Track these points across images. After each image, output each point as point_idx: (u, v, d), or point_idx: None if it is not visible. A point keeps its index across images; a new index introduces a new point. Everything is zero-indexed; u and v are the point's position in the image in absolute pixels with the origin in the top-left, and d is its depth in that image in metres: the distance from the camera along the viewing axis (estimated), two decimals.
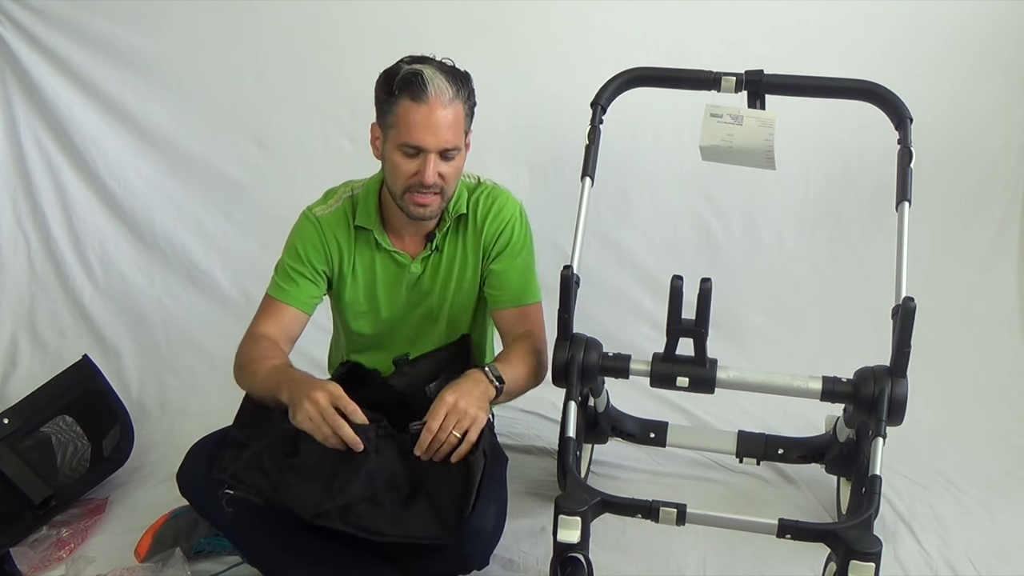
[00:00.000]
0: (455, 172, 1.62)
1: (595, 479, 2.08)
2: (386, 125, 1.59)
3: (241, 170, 2.64)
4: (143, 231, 2.63)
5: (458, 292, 1.79)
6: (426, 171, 1.56)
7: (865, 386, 1.53)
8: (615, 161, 2.28)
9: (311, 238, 1.71)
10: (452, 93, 1.55)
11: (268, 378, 1.53)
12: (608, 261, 2.70)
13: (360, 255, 1.74)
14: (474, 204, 1.74)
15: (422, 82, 1.52)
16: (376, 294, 1.77)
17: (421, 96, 1.52)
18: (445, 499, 1.42)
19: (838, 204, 2.70)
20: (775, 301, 2.72)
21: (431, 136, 1.54)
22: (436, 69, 1.55)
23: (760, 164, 1.73)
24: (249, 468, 1.41)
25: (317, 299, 1.74)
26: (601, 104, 1.72)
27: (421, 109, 1.53)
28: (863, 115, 1.79)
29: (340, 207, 1.73)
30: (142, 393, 2.40)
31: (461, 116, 1.58)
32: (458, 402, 1.46)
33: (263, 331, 1.67)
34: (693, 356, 1.57)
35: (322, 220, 1.71)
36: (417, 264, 1.75)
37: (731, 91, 1.70)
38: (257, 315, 1.71)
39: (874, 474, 1.46)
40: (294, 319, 1.70)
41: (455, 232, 1.75)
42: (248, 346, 1.65)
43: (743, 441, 1.95)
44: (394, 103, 1.55)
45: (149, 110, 2.58)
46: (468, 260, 1.77)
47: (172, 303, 2.61)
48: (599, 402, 1.92)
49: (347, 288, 1.76)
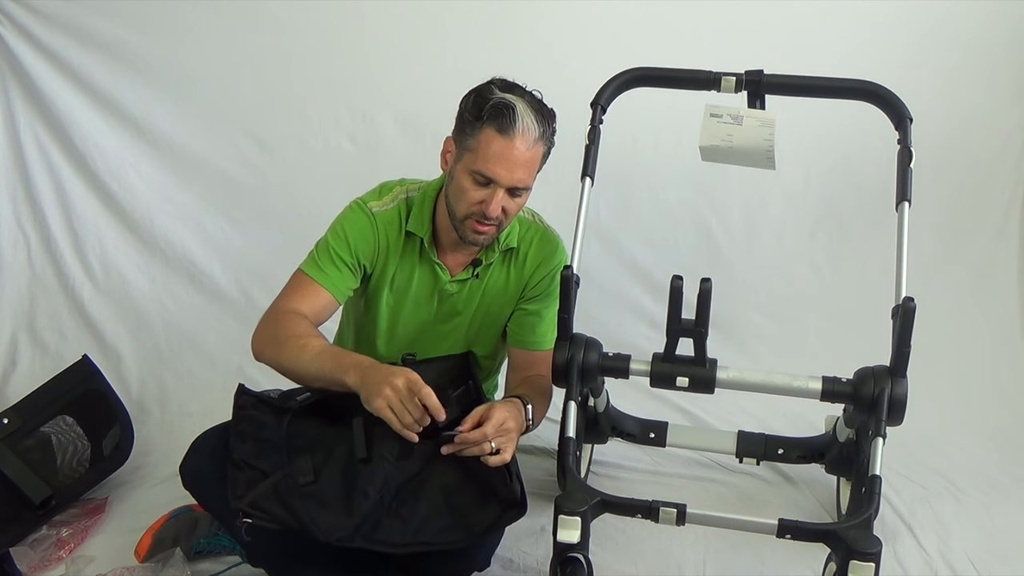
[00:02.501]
0: (517, 209, 1.61)
1: (595, 479, 2.08)
2: (464, 146, 1.56)
3: (241, 170, 2.64)
4: (143, 231, 2.63)
5: (487, 321, 1.78)
6: (491, 203, 1.55)
7: (865, 386, 1.53)
8: (615, 161, 2.28)
9: (364, 230, 1.66)
10: (537, 135, 1.54)
11: (322, 359, 1.49)
12: (608, 261, 2.70)
13: (403, 263, 1.70)
14: (527, 243, 1.74)
15: (512, 116, 1.51)
16: (401, 310, 1.74)
17: (508, 130, 1.51)
18: (463, 502, 1.44)
19: (838, 204, 2.71)
20: (775, 301, 2.72)
21: (506, 171, 1.53)
22: (528, 105, 1.53)
23: (760, 164, 1.73)
24: (267, 497, 1.41)
25: (351, 292, 1.69)
26: (601, 104, 1.72)
27: (504, 143, 1.51)
28: (863, 115, 1.79)
29: (395, 207, 1.69)
30: (142, 393, 2.40)
31: (539, 157, 1.58)
32: (507, 421, 1.46)
33: (297, 307, 1.60)
34: (693, 356, 1.56)
35: (378, 217, 1.67)
36: (454, 284, 1.73)
37: (731, 91, 1.69)
38: (288, 291, 1.64)
39: (874, 474, 1.46)
40: (326, 305, 1.64)
41: (501, 264, 1.75)
42: (283, 320, 1.58)
43: (743, 441, 1.95)
44: (478, 128, 1.53)
45: (149, 110, 2.58)
46: (507, 294, 1.76)
47: (172, 303, 2.61)
48: (599, 402, 1.92)
49: (382, 295, 1.72)
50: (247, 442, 1.49)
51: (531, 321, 1.77)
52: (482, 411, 1.46)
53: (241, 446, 1.49)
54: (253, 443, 1.49)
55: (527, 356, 1.78)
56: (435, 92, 2.21)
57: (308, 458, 1.45)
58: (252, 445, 1.49)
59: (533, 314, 1.77)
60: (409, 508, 1.42)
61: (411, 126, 2.62)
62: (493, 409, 1.47)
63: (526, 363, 1.78)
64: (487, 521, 1.44)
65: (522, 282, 1.75)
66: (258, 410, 1.55)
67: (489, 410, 1.46)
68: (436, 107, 1.79)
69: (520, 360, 1.79)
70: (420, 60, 2.58)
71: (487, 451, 1.43)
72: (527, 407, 1.57)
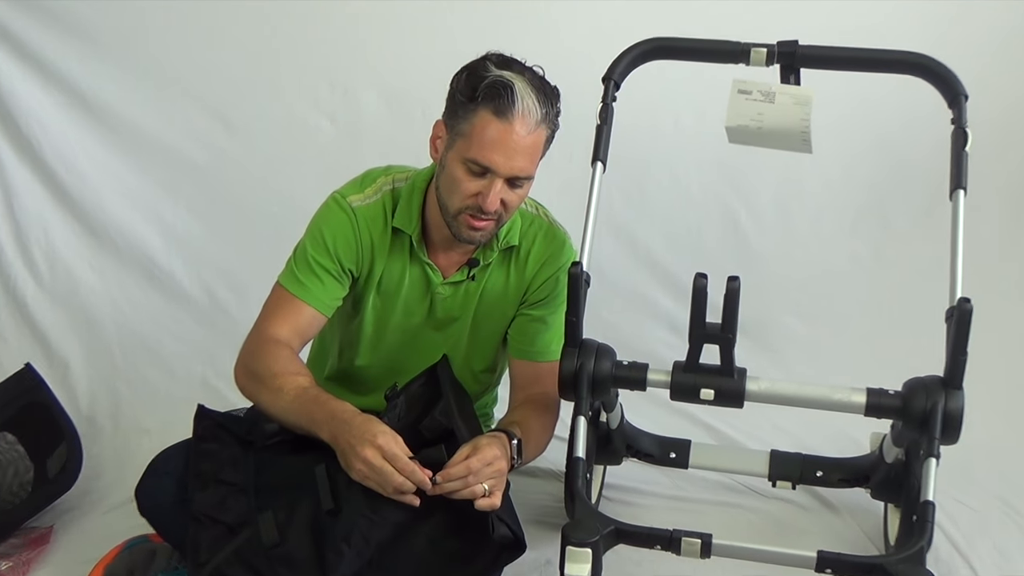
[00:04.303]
0: (518, 201, 1.60)
1: (607, 505, 2.08)
2: (456, 131, 1.55)
3: (205, 152, 2.64)
4: (93, 222, 2.63)
5: (485, 329, 1.77)
6: (488, 195, 1.54)
7: (916, 399, 1.53)
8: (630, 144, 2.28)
9: (343, 230, 1.65)
10: (539, 116, 1.52)
11: (298, 404, 1.50)
12: (622, 257, 2.70)
13: (392, 263, 1.70)
14: (529, 240, 1.73)
15: (511, 97, 1.49)
16: (390, 315, 1.74)
17: (506, 112, 1.50)
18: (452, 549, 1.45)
19: (883, 191, 2.71)
20: (812, 302, 2.73)
21: (504, 159, 1.52)
22: (528, 84, 1.52)
23: (794, 147, 1.73)
24: (232, 563, 1.42)
25: (339, 301, 1.69)
26: (614, 79, 1.71)
27: (502, 127, 1.50)
28: (911, 92, 1.78)
29: (379, 200, 1.68)
30: (92, 407, 2.39)
31: (541, 143, 1.57)
32: (497, 461, 1.45)
33: (278, 334, 1.62)
34: (719, 365, 1.56)
35: (359, 212, 1.66)
36: (447, 287, 1.72)
37: (762, 64, 1.69)
38: (268, 309, 1.65)
39: (926, 500, 1.46)
40: (311, 321, 1.65)
41: (500, 264, 1.74)
42: (261, 352, 1.59)
43: (776, 462, 1.95)
44: (472, 110, 1.52)
45: (99, 84, 2.58)
46: (507, 298, 1.75)
47: (126, 304, 2.61)
48: (612, 417, 1.92)
49: (368, 299, 1.72)
50: (208, 488, 1.50)
51: (535, 329, 1.76)
52: (467, 450, 1.45)
53: (201, 494, 1.49)
54: (215, 488, 1.49)
55: (531, 369, 1.77)
56: (428, 65, 2.20)
57: (271, 515, 1.45)
58: (214, 492, 1.49)
59: (537, 321, 1.76)
60: (393, 562, 1.43)
61: (400, 103, 2.61)
62: (480, 446, 1.45)
63: (530, 378, 1.77)
64: (481, 566, 1.45)
65: (524, 284, 1.75)
66: (220, 441, 1.56)
67: (476, 446, 1.45)
68: (428, 82, 1.78)
69: (523, 374, 1.78)
70: (411, 28, 2.58)
71: (479, 493, 1.42)
72: (513, 442, 1.54)
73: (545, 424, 1.71)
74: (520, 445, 1.56)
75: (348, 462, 1.41)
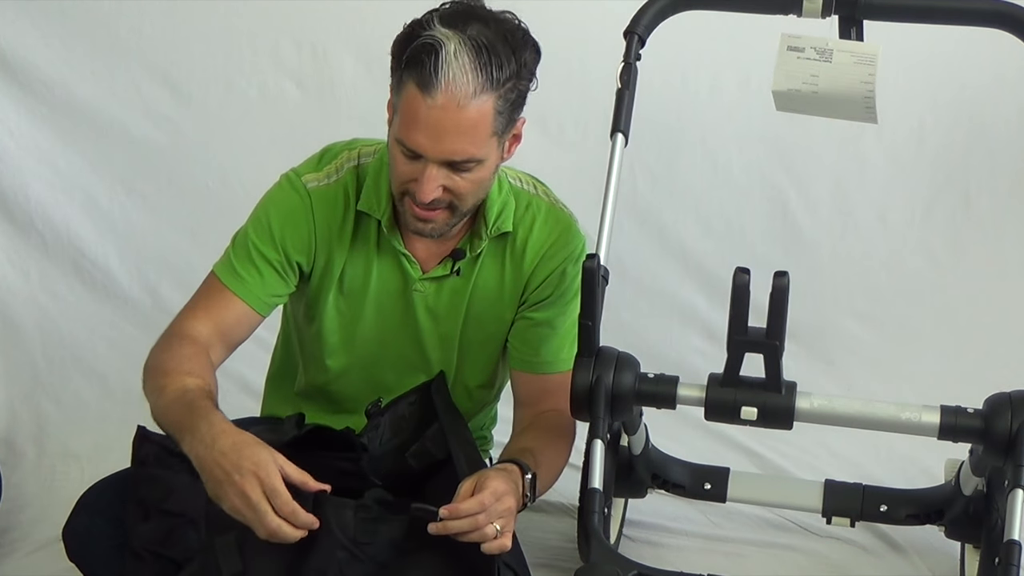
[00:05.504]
0: (472, 187, 1.56)
1: (629, 545, 2.08)
2: (394, 105, 1.54)
3: (147, 123, 2.65)
4: (14, 208, 2.63)
5: (479, 335, 1.76)
6: (422, 184, 1.51)
7: (999, 419, 1.52)
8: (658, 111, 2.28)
9: (293, 215, 1.65)
10: (477, 85, 1.44)
11: (173, 408, 1.46)
12: (647, 248, 2.71)
13: (355, 255, 1.69)
14: (526, 225, 1.70)
15: (433, 64, 1.43)
16: (358, 319, 1.73)
17: (428, 84, 1.44)
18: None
19: (963, 172, 2.71)
20: (876, 304, 2.73)
21: (430, 140, 1.48)
22: (462, 44, 1.43)
23: (856, 116, 1.73)
24: None
25: (281, 298, 1.69)
26: (638, 34, 1.71)
27: (424, 102, 1.46)
28: (997, 48, 1.78)
29: (340, 180, 1.66)
30: (12, 427, 2.40)
31: (488, 115, 1.49)
32: (506, 496, 1.44)
33: (195, 331, 1.60)
34: (764, 378, 1.56)
35: (314, 194, 1.65)
36: (427, 283, 1.71)
37: (816, 15, 1.68)
38: (194, 299, 1.65)
39: (1011, 539, 1.45)
40: (241, 319, 1.64)
41: (492, 254, 1.71)
42: (167, 348, 1.58)
43: (832, 494, 1.95)
44: (401, 80, 1.50)
45: (21, 43, 2.58)
46: (503, 297, 1.73)
47: (53, 305, 2.62)
48: (635, 441, 1.92)
49: (327, 299, 1.71)
50: (151, 519, 1.49)
51: (539, 335, 1.75)
52: (471, 485, 1.44)
53: (142, 526, 1.48)
54: (159, 520, 1.48)
55: (537, 384, 1.76)
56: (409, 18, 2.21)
57: (232, 538, 1.42)
58: (158, 523, 1.48)
59: (542, 324, 1.74)
60: None
61: (378, 64, 2.59)
62: (487, 479, 1.44)
63: (536, 393, 1.76)
64: None
65: (522, 280, 1.72)
66: (165, 465, 1.54)
67: (482, 480, 1.44)
68: None
69: (528, 390, 1.78)
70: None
71: (490, 535, 1.40)
72: (527, 476, 1.53)
73: (560, 450, 1.70)
74: (535, 480, 1.54)
75: (221, 492, 1.34)
